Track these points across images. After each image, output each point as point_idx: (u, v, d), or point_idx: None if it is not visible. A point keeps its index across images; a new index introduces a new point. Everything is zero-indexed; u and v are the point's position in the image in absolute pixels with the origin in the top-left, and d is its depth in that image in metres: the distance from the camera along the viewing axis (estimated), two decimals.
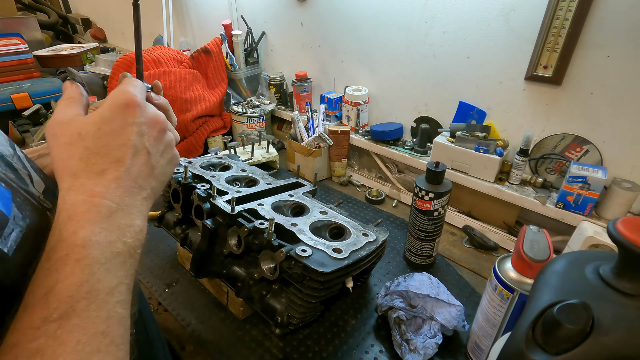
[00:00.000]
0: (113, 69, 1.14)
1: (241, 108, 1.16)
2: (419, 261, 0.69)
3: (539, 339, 0.28)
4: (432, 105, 0.90)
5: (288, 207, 0.62)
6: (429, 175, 0.62)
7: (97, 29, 2.28)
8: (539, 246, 0.43)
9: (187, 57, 1.19)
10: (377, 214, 0.87)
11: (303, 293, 0.49)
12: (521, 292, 0.42)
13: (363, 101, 0.97)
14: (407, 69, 0.90)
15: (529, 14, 0.67)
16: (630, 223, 0.28)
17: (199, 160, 0.73)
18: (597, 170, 0.64)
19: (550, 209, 0.70)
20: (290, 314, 0.51)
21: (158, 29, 1.55)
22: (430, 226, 0.65)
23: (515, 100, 0.75)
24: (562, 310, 0.27)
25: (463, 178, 0.80)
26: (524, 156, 0.72)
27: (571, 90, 0.68)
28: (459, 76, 0.82)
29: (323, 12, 1.03)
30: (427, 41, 0.84)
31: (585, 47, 0.63)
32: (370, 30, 0.94)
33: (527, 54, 0.70)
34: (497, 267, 0.45)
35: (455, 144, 0.79)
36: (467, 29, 0.76)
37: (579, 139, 0.70)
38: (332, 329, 0.57)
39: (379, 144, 0.95)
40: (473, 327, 0.52)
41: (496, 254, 0.75)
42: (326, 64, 1.10)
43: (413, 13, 0.83)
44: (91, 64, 1.63)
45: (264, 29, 1.24)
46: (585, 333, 0.26)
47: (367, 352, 0.54)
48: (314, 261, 0.48)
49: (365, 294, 0.64)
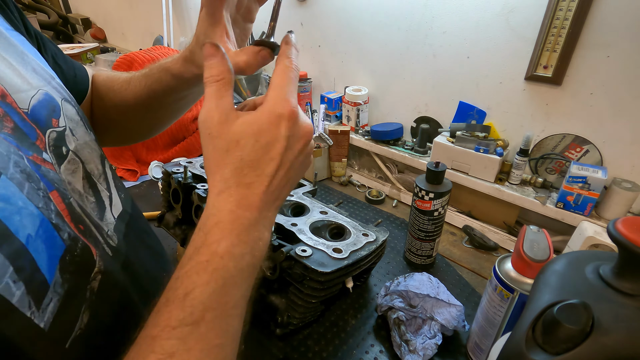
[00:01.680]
0: (113, 69, 1.14)
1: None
2: (419, 261, 0.69)
3: (539, 339, 0.28)
4: (432, 105, 0.90)
5: (288, 207, 0.62)
6: (429, 175, 0.62)
7: (97, 29, 2.28)
8: (539, 246, 0.43)
9: None
10: (377, 214, 0.87)
11: (303, 293, 0.49)
12: (521, 292, 0.42)
13: (363, 101, 0.97)
14: (407, 69, 0.90)
15: (529, 14, 0.67)
16: (630, 223, 0.28)
17: (199, 160, 0.73)
18: (597, 170, 0.64)
19: (550, 209, 0.70)
20: (290, 314, 0.51)
21: (158, 29, 1.56)
22: (430, 226, 0.65)
23: (515, 100, 0.75)
24: (562, 310, 0.27)
25: (463, 178, 0.80)
26: (524, 156, 0.72)
27: (571, 90, 0.68)
28: (459, 76, 0.82)
29: (323, 12, 1.03)
30: (427, 41, 0.84)
31: (585, 47, 0.63)
32: (370, 30, 0.94)
33: (527, 54, 0.70)
34: (497, 267, 0.45)
35: (455, 144, 0.79)
36: (467, 29, 0.76)
37: (579, 139, 0.70)
38: (332, 329, 0.57)
39: (379, 144, 0.95)
40: (473, 327, 0.51)
41: (496, 254, 0.75)
42: (326, 64, 1.10)
43: (413, 13, 0.83)
44: (91, 64, 1.63)
45: (264, 29, 1.24)
46: (585, 333, 0.26)
47: (367, 352, 0.54)
48: (314, 261, 0.48)
49: (365, 294, 0.64)
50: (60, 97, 0.33)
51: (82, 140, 0.34)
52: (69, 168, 0.30)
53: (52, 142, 0.29)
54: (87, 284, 0.28)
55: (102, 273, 0.29)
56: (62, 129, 0.31)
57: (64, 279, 0.25)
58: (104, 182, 0.35)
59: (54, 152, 0.29)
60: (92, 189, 0.32)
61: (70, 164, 0.30)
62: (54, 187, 0.27)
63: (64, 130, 0.31)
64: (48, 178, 0.27)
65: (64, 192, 0.28)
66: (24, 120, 0.27)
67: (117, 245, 0.33)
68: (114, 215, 0.35)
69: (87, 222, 0.30)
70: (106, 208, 0.34)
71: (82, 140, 0.34)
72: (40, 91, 0.31)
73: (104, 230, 0.32)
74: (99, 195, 0.34)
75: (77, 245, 0.27)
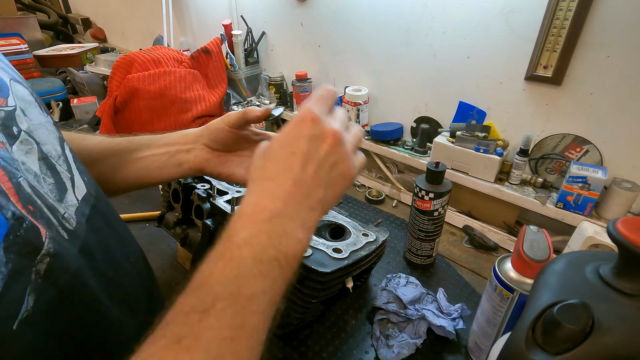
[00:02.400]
0: (113, 69, 1.14)
1: (241, 108, 1.16)
2: (419, 261, 0.69)
3: (539, 339, 0.28)
4: (432, 105, 0.90)
5: None
6: (429, 175, 0.62)
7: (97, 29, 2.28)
8: (539, 246, 0.43)
9: (187, 57, 1.19)
10: (377, 214, 0.87)
11: (303, 293, 0.49)
12: (521, 292, 0.42)
13: (363, 101, 0.97)
14: (407, 68, 0.90)
15: (529, 14, 0.67)
16: (630, 223, 0.28)
17: None
18: (597, 170, 0.64)
19: (550, 209, 0.70)
20: (290, 314, 0.51)
21: (158, 29, 1.56)
22: (430, 226, 0.65)
23: (515, 100, 0.75)
24: (562, 310, 0.27)
25: (463, 178, 0.80)
26: (524, 156, 0.72)
27: (571, 90, 0.68)
28: (459, 76, 0.82)
29: (323, 12, 1.03)
30: (427, 41, 0.84)
31: (585, 47, 0.63)
32: (370, 30, 0.94)
33: (527, 54, 0.70)
34: (497, 267, 0.45)
35: (455, 144, 0.79)
36: (467, 29, 0.76)
37: (579, 139, 0.70)
38: (332, 329, 0.57)
39: (379, 144, 0.95)
40: (473, 327, 0.52)
41: (496, 254, 0.75)
42: (326, 64, 1.10)
43: (413, 13, 0.83)
44: (91, 64, 1.63)
45: (264, 29, 1.24)
46: (585, 333, 0.26)
47: (367, 352, 0.54)
48: (314, 261, 0.48)
49: (365, 294, 0.64)
50: (9, 77, 0.32)
51: (37, 121, 0.33)
52: (22, 148, 0.29)
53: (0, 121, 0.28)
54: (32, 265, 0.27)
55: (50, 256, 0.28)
56: (12, 109, 0.30)
57: (8, 258, 0.25)
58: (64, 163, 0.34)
59: (3, 131, 0.28)
60: (50, 171, 0.32)
61: (23, 145, 0.30)
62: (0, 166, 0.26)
63: (14, 110, 0.31)
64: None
65: (11, 171, 0.27)
66: None
67: (74, 228, 0.32)
68: (77, 198, 0.34)
69: (39, 203, 0.29)
70: (67, 190, 0.33)
71: (37, 121, 0.33)
72: None
73: (60, 212, 0.31)
74: (59, 177, 0.33)
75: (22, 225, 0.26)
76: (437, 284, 0.67)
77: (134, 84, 1.05)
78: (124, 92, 1.06)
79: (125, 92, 1.06)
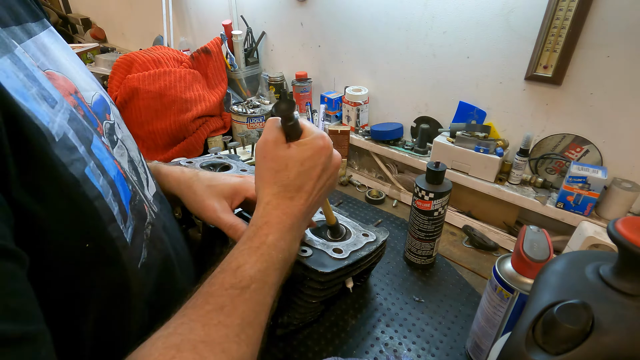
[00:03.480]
0: (113, 69, 1.14)
1: (241, 108, 1.16)
2: (419, 261, 0.69)
3: (539, 339, 0.28)
4: (432, 105, 0.90)
5: None
6: (429, 175, 0.62)
7: (97, 29, 2.27)
8: (539, 246, 0.43)
9: (187, 57, 1.19)
10: (377, 214, 0.87)
11: (303, 293, 0.49)
12: (521, 292, 0.42)
13: (363, 101, 0.97)
14: (407, 68, 0.90)
15: (529, 14, 0.67)
16: (630, 223, 0.28)
17: (199, 160, 0.73)
18: (597, 170, 0.64)
19: (550, 209, 0.70)
20: (290, 314, 0.51)
21: (158, 29, 1.56)
22: (430, 226, 0.65)
23: (515, 100, 0.75)
24: (562, 310, 0.27)
25: (463, 178, 0.80)
26: (524, 156, 0.72)
27: (571, 90, 0.68)
28: (459, 76, 0.82)
29: (323, 12, 1.03)
30: (427, 41, 0.84)
31: (585, 47, 0.63)
32: (370, 30, 0.94)
33: (527, 54, 0.70)
34: (497, 267, 0.45)
35: (455, 144, 0.79)
36: (467, 29, 0.76)
37: (579, 139, 0.70)
38: (332, 329, 0.57)
39: (379, 144, 0.95)
40: (473, 327, 0.51)
41: (496, 254, 0.75)
42: (326, 64, 1.10)
43: (413, 13, 0.83)
44: (91, 64, 1.63)
45: (264, 29, 1.24)
46: (585, 333, 0.26)
47: (367, 352, 0.54)
48: (314, 261, 0.48)
49: (365, 294, 0.64)
50: (109, 100, 0.42)
51: (125, 134, 0.42)
52: (118, 152, 0.38)
53: (107, 130, 0.37)
54: (143, 228, 0.36)
55: (152, 225, 0.38)
56: (113, 122, 0.40)
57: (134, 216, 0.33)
58: (142, 167, 0.43)
59: (109, 138, 0.37)
60: (134, 171, 0.40)
61: (119, 149, 0.38)
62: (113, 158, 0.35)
63: (114, 124, 0.40)
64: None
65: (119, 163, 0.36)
66: (89, 111, 0.35)
67: (157, 212, 0.41)
68: (151, 194, 0.43)
69: (137, 188, 0.37)
70: (144, 187, 0.41)
71: (125, 134, 0.42)
72: (97, 93, 0.39)
73: (149, 198, 0.41)
74: (140, 177, 0.41)
75: (137, 196, 0.36)
76: (437, 284, 0.67)
77: (134, 84, 1.05)
78: (124, 92, 1.06)
79: (125, 92, 1.06)
